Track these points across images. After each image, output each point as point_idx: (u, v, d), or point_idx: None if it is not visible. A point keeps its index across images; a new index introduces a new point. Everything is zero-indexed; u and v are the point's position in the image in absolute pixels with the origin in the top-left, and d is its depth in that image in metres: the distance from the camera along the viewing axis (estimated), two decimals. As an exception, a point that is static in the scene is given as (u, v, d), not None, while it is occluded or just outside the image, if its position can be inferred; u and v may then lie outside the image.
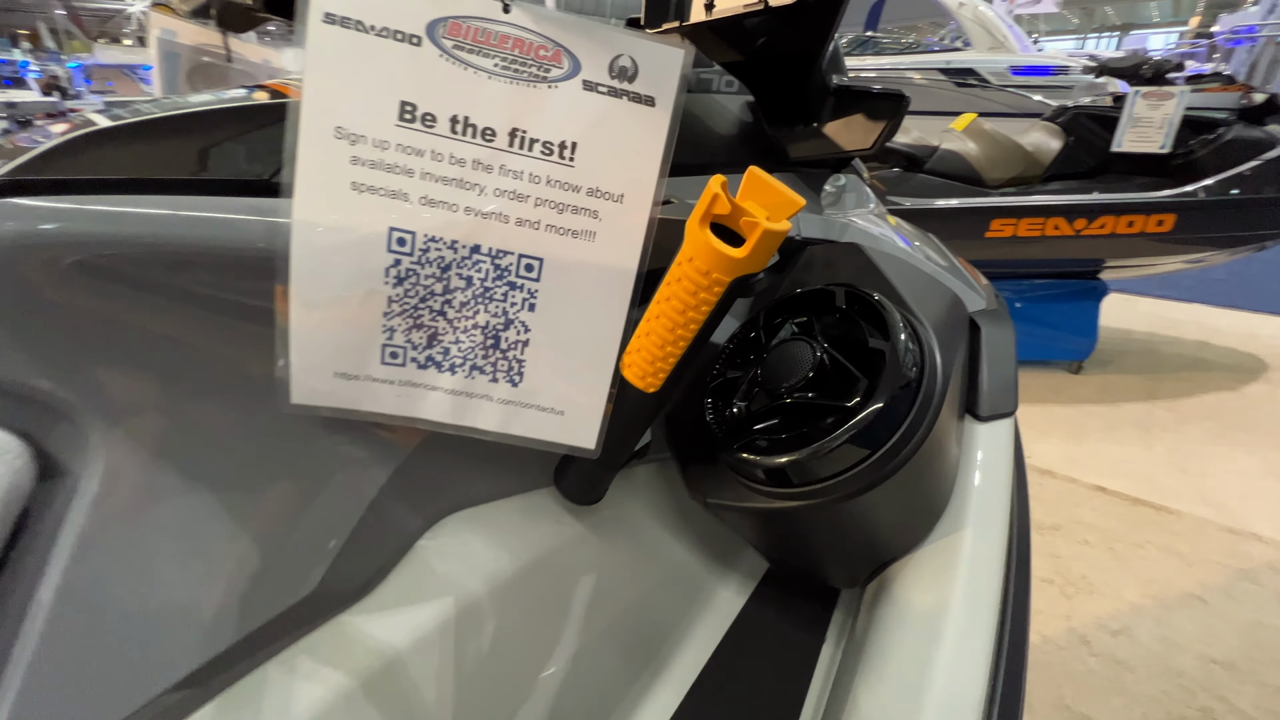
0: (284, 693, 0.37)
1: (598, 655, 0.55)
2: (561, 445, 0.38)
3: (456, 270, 0.33)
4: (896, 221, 0.74)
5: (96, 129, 0.33)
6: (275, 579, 0.36)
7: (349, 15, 0.29)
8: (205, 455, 0.35)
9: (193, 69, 0.55)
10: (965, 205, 2.60)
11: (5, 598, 0.31)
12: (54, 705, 0.30)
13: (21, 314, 0.30)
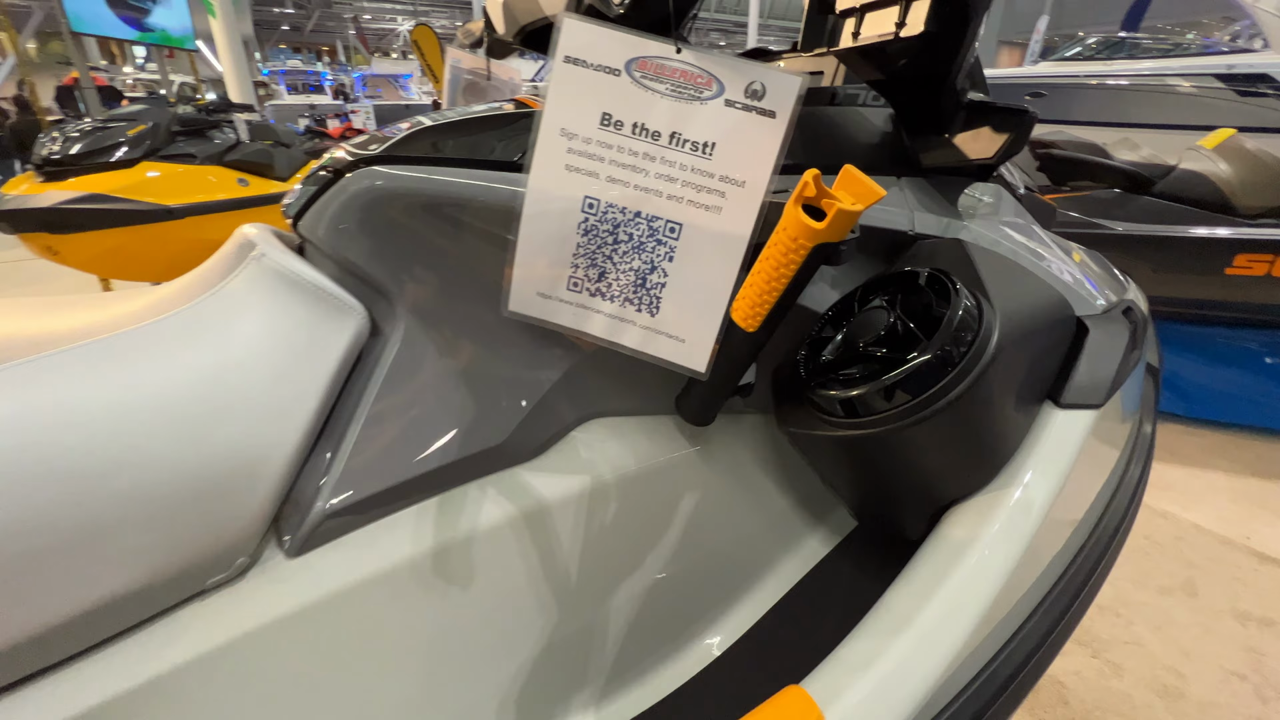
0: (474, 509, 0.56)
1: (690, 564, 0.68)
2: (680, 366, 0.52)
3: (623, 228, 0.49)
4: (1044, 233, 0.76)
5: (424, 126, 0.54)
6: (486, 423, 0.55)
7: (579, 57, 0.46)
8: (463, 331, 0.54)
9: (466, 86, 0.79)
10: (1203, 235, 2.23)
11: (346, 402, 0.52)
12: (373, 467, 0.51)
13: (380, 234, 0.51)
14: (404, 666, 0.53)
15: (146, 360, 0.45)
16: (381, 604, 0.51)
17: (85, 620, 0.40)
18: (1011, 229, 0.68)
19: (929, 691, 0.41)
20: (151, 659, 0.43)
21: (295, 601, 0.47)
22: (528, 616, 0.58)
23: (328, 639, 0.49)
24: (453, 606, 0.54)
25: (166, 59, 7.17)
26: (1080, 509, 0.55)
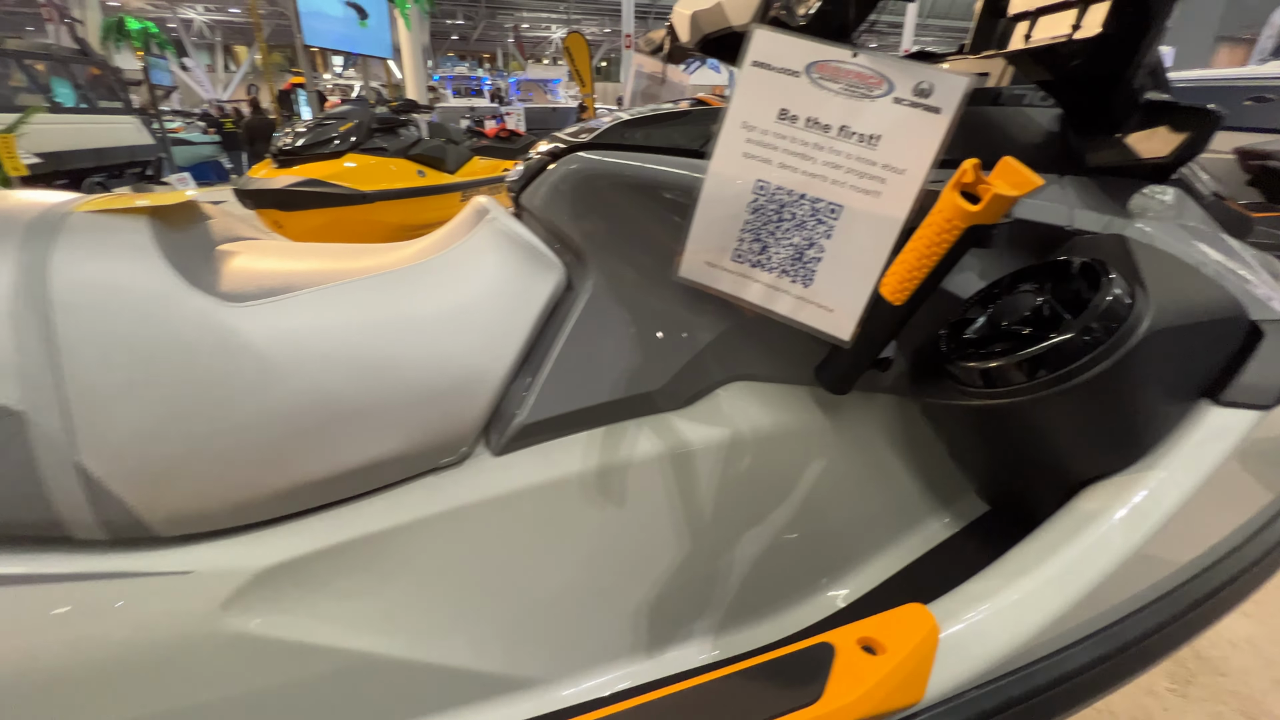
0: (631, 443, 0.66)
1: (814, 526, 0.74)
2: (826, 334, 0.58)
3: (788, 208, 0.56)
4: (1232, 241, 0.72)
5: (623, 121, 0.65)
6: (649, 370, 0.65)
7: (765, 61, 0.54)
8: (638, 291, 0.65)
9: (644, 88, 0.90)
10: None
11: (543, 340, 0.65)
12: (559, 394, 0.63)
13: (582, 206, 0.63)
14: (564, 558, 0.64)
15: (412, 291, 0.60)
16: (553, 504, 0.63)
17: (359, 473, 0.55)
18: (1190, 233, 0.66)
19: (1035, 635, 0.44)
20: (397, 510, 0.58)
21: (494, 489, 0.61)
22: (666, 542, 0.67)
23: (512, 522, 0.61)
24: (606, 519, 0.65)
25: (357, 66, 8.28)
26: (1230, 516, 0.54)
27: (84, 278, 0.48)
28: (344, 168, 3.09)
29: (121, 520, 0.48)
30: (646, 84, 0.91)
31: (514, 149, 4.91)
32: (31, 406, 0.45)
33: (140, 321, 0.48)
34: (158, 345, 0.48)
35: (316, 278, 0.59)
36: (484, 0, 24.62)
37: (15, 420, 0.45)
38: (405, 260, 0.65)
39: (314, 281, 0.58)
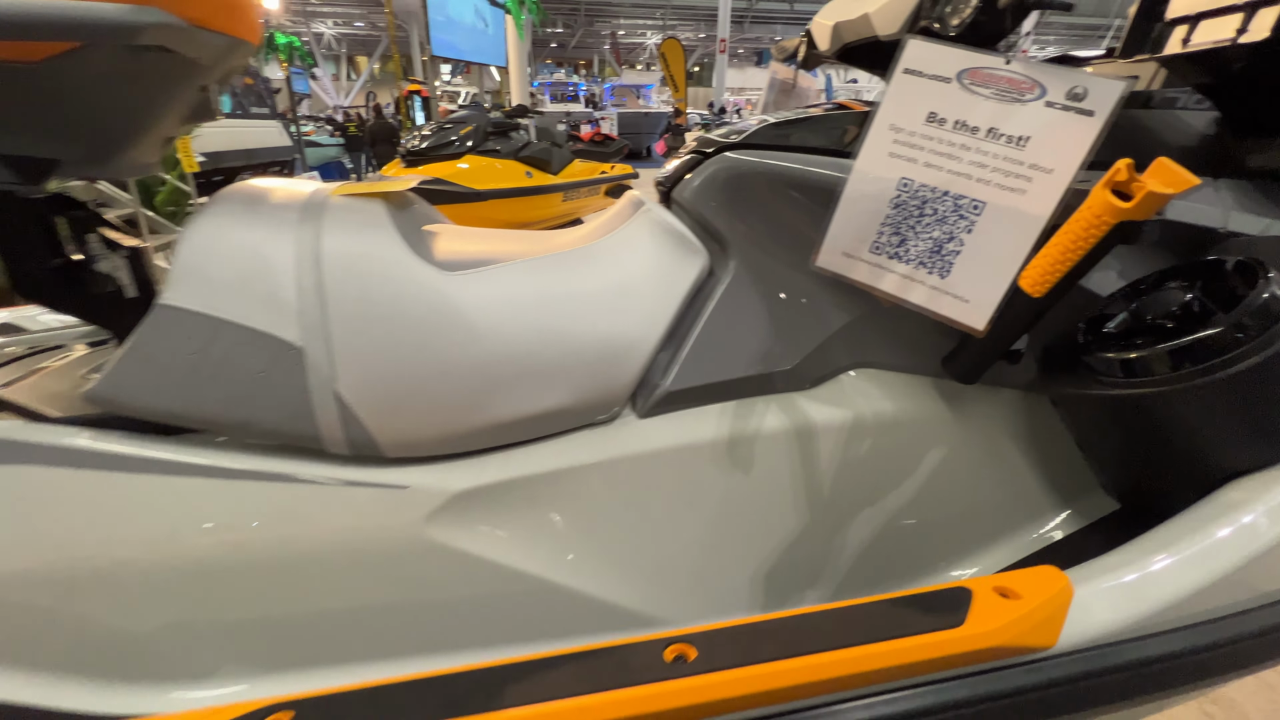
0: (760, 417, 0.72)
1: (932, 511, 0.76)
2: (960, 323, 0.62)
3: (929, 204, 0.61)
4: None
5: (769, 124, 0.72)
6: (781, 351, 0.71)
7: (916, 69, 0.59)
8: (776, 278, 0.71)
9: (779, 91, 0.97)
10: None
11: (686, 319, 0.72)
12: (698, 368, 0.70)
13: (728, 200, 0.70)
14: (693, 515, 0.71)
15: (582, 270, 0.69)
16: (687, 465, 0.70)
17: (533, 421, 0.65)
18: None
19: (1172, 605, 0.46)
20: (559, 456, 0.67)
21: (638, 447, 0.69)
22: (785, 512, 0.73)
23: (651, 478, 0.69)
24: (732, 484, 0.71)
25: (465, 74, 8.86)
26: None
27: (344, 247, 0.60)
28: (462, 168, 3.35)
29: (361, 440, 0.60)
30: (779, 89, 0.97)
31: (607, 152, 5.09)
32: (307, 343, 0.58)
33: (382, 283, 0.60)
34: (395, 303, 0.60)
35: (506, 254, 0.69)
36: (584, 9, 25.41)
37: (296, 353, 0.57)
38: (575, 242, 0.74)
39: (504, 258, 0.68)
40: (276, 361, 0.57)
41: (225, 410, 0.57)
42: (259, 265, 0.58)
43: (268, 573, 0.60)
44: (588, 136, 7.50)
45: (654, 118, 17.03)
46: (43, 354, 0.82)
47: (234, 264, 0.58)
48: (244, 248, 0.59)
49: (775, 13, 24.45)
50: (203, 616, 0.60)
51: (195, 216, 0.60)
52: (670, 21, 26.34)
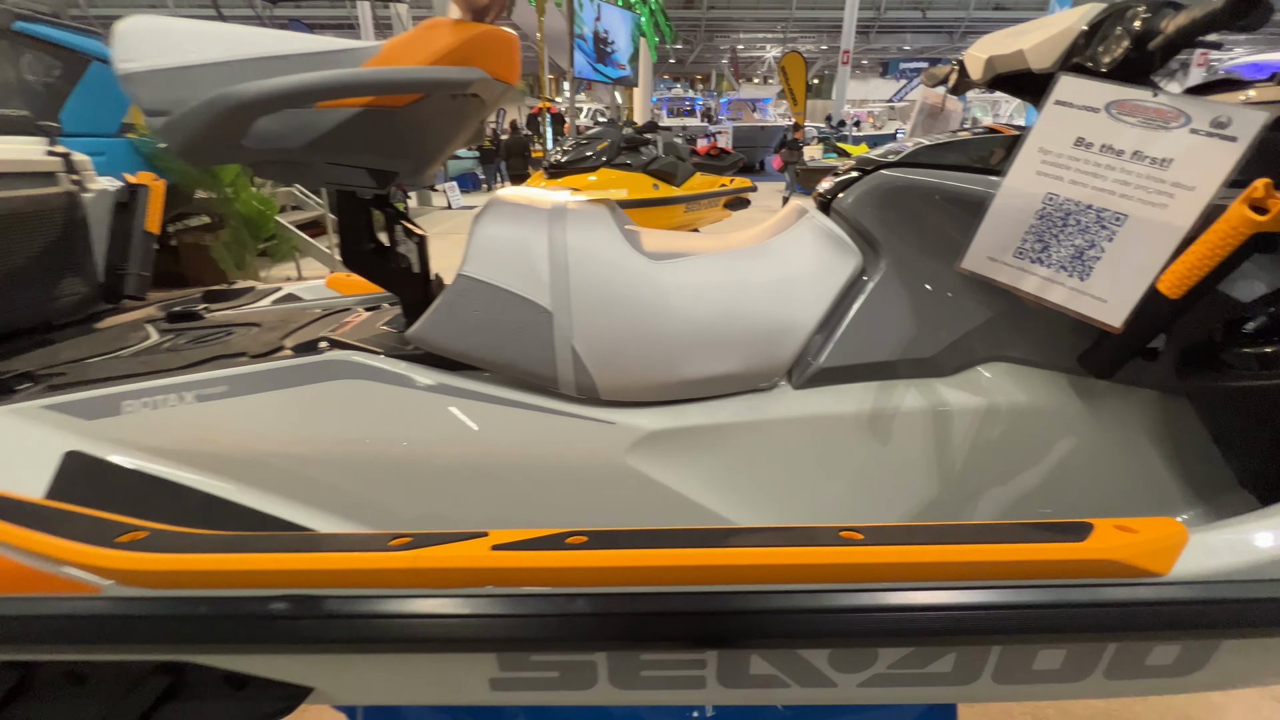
0: (899, 399, 0.83)
1: (1060, 500, 0.84)
2: (1098, 320, 0.70)
3: (1073, 216, 0.70)
4: None
5: (925, 146, 0.84)
6: (923, 340, 0.82)
7: (1067, 100, 0.69)
8: (922, 277, 0.82)
9: (927, 115, 1.07)
10: None
11: (839, 309, 0.85)
12: (848, 350, 0.83)
13: (886, 210, 0.83)
14: (835, 478, 0.84)
15: (756, 262, 0.85)
16: (834, 433, 0.83)
17: (711, 382, 0.81)
18: None
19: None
20: (727, 413, 0.83)
21: (792, 413, 0.83)
22: (917, 484, 0.84)
23: (801, 441, 0.83)
24: (871, 454, 0.83)
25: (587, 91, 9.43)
26: None
27: (582, 240, 0.80)
28: (599, 180, 3.66)
29: (586, 384, 0.79)
30: (927, 113, 1.07)
31: (723, 165, 5.24)
32: (555, 308, 0.78)
33: (608, 267, 0.79)
34: (616, 282, 0.79)
35: (695, 249, 0.87)
36: (704, 24, 25.87)
37: (547, 315, 0.78)
38: (749, 241, 0.90)
39: (694, 252, 0.86)
40: (532, 320, 0.78)
41: (495, 353, 0.79)
42: (525, 250, 0.79)
43: (507, 475, 0.81)
44: (704, 150, 7.68)
45: (769, 131, 17.01)
46: (337, 314, 1.11)
47: (508, 248, 0.80)
48: (514, 237, 0.80)
49: (905, 22, 23.48)
50: (452, 505, 0.82)
51: (481, 214, 0.83)
52: (791, 34, 26.09)
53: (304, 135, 0.74)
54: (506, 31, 0.83)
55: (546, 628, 0.52)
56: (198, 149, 0.69)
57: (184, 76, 0.69)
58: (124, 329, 1.12)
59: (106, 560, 0.53)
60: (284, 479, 0.79)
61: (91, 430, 0.77)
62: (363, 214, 0.90)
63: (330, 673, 0.59)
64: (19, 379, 0.84)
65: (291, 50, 0.72)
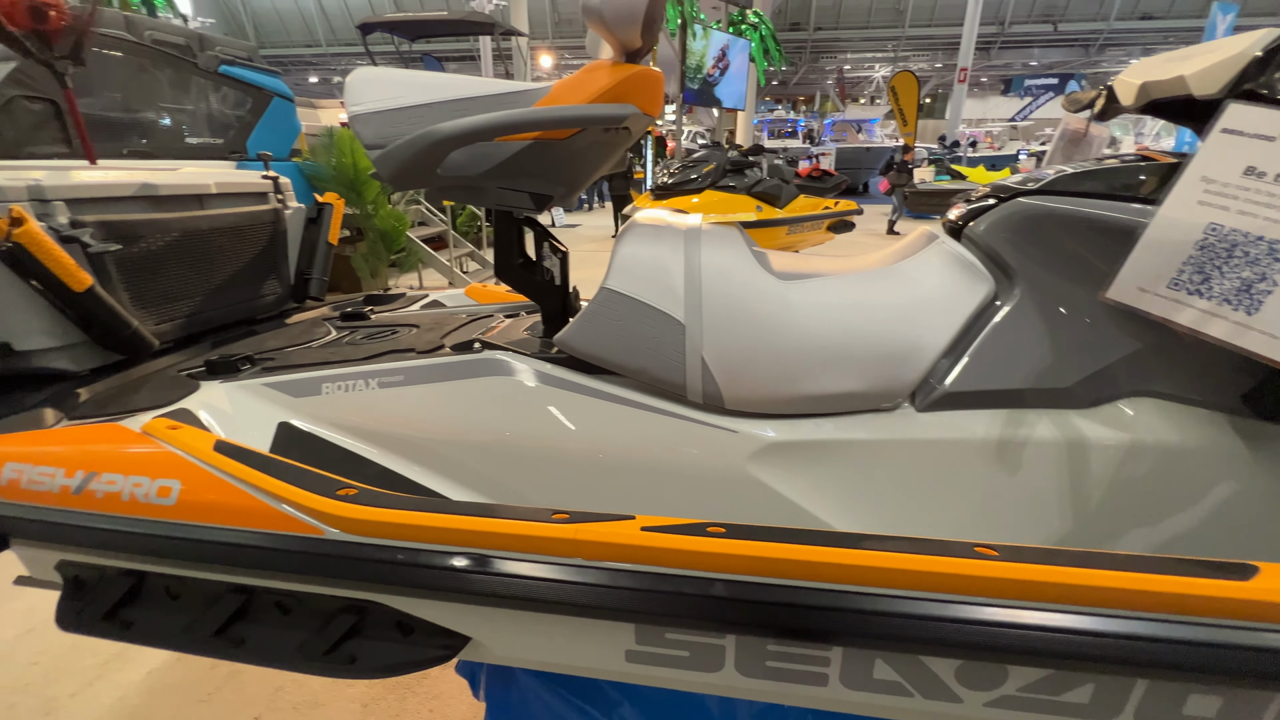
0: (1029, 427, 0.82)
1: (1202, 549, 0.78)
2: (1268, 358, 0.67)
3: (1239, 247, 0.67)
4: None
5: (1067, 174, 0.83)
6: (1059, 370, 0.81)
7: (1237, 129, 0.66)
8: (1061, 305, 0.81)
9: (1068, 141, 1.04)
10: None
11: (968, 334, 0.85)
12: (973, 376, 0.83)
13: (1024, 238, 0.82)
14: (954, 503, 0.83)
15: (884, 284, 0.87)
16: (957, 458, 0.83)
17: (832, 398, 0.84)
18: None
19: None
20: (846, 430, 0.85)
21: (914, 435, 0.83)
22: (1044, 517, 0.81)
23: (922, 463, 0.83)
24: (996, 483, 0.82)
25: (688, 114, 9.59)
26: None
27: (715, 259, 0.87)
28: (702, 201, 3.75)
29: (712, 393, 0.85)
30: (1068, 139, 1.05)
31: (824, 187, 5.16)
32: (688, 321, 0.84)
33: (739, 285, 0.85)
34: (747, 299, 0.84)
35: (821, 270, 0.90)
36: (810, 45, 25.61)
37: (680, 327, 0.85)
38: (877, 264, 0.93)
39: (821, 273, 0.90)
40: (666, 331, 0.85)
41: (630, 359, 0.87)
42: (662, 267, 0.87)
43: (634, 472, 0.88)
44: (805, 172, 7.60)
45: (875, 153, 16.48)
46: (482, 319, 1.24)
47: (647, 265, 0.88)
48: (653, 255, 0.88)
49: (1033, 36, 21.99)
50: (580, 496, 0.89)
51: (623, 234, 0.92)
52: (903, 53, 25.22)
53: (483, 164, 0.86)
54: (655, 71, 0.92)
55: (683, 606, 0.57)
56: (402, 176, 0.83)
57: (396, 117, 0.83)
58: (309, 324, 1.31)
59: (330, 508, 0.65)
60: (439, 459, 0.91)
61: (298, 406, 0.93)
62: (516, 231, 1.02)
63: (489, 626, 0.68)
64: (243, 361, 1.02)
65: (480, 93, 0.85)
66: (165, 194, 1.14)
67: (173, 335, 1.14)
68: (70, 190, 0.98)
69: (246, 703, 1.41)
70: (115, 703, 1.40)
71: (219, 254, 1.22)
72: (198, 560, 0.69)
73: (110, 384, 1.00)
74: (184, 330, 1.16)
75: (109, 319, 0.97)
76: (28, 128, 2.33)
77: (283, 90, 3.72)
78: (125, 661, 1.50)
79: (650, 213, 0.98)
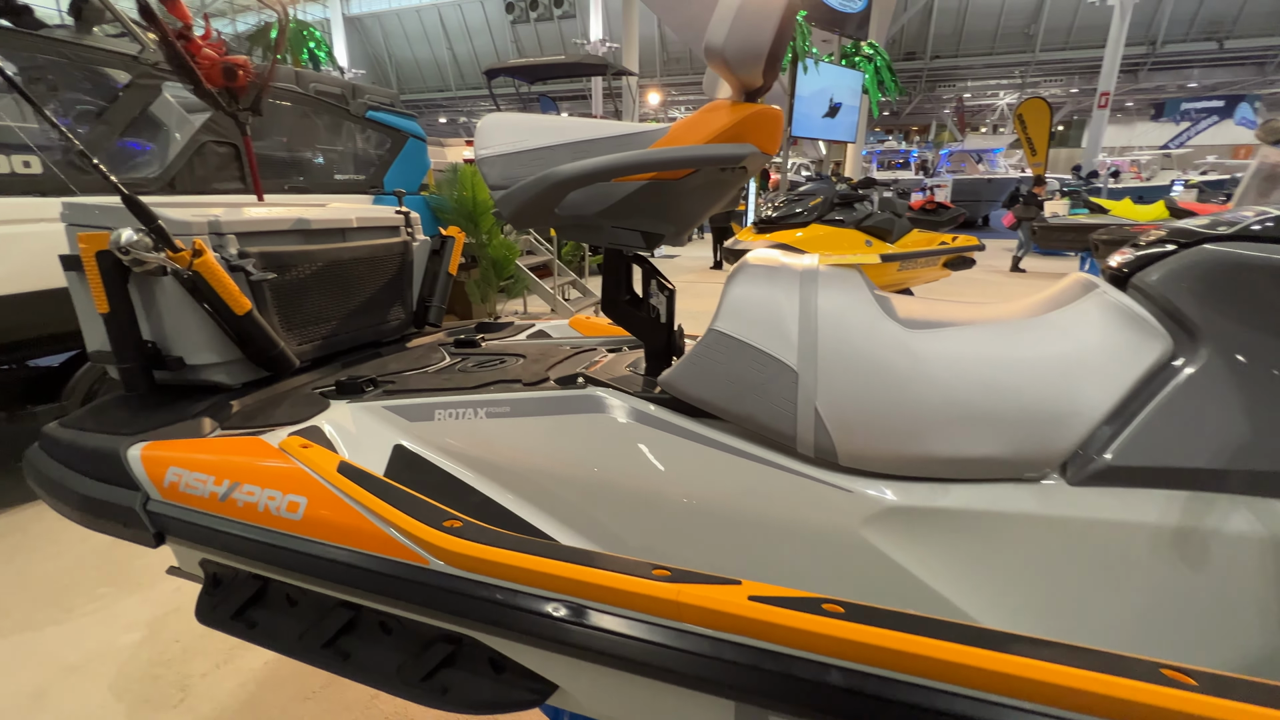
0: (1219, 517, 0.68)
1: None
2: None
3: None
4: None
5: (1273, 216, 0.70)
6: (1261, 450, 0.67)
7: None
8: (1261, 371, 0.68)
9: (1264, 177, 0.89)
10: None
11: (1138, 398, 0.74)
12: (1141, 450, 0.71)
13: (1213, 292, 0.70)
14: (1108, 596, 0.71)
15: (1031, 337, 0.78)
16: (1117, 545, 0.70)
17: (964, 463, 0.75)
18: None
19: None
20: (980, 499, 0.75)
21: (1062, 512, 0.72)
22: (1238, 630, 0.67)
23: (1069, 545, 0.72)
24: (1169, 578, 0.68)
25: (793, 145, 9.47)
26: None
27: (833, 303, 0.81)
28: (807, 235, 3.65)
29: (825, 446, 0.79)
30: (1265, 174, 0.89)
31: (939, 220, 4.85)
32: (801, 368, 0.79)
33: (859, 332, 0.79)
34: (868, 348, 0.78)
35: (954, 319, 0.82)
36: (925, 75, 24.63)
37: (792, 374, 0.80)
38: (1020, 313, 0.83)
39: (954, 322, 0.81)
40: (777, 378, 0.81)
41: (737, 405, 0.83)
42: (775, 312, 0.83)
43: (734, 523, 0.83)
44: (919, 205, 7.23)
45: (997, 184, 15.38)
46: (585, 352, 1.25)
47: (759, 307, 0.84)
48: (766, 299, 0.84)
49: (1192, 55, 19.77)
50: (676, 542, 0.85)
51: (735, 274, 0.89)
52: (1033, 78, 23.56)
53: (600, 204, 0.87)
54: (774, 109, 0.89)
55: (794, 691, 0.52)
56: (523, 215, 0.85)
57: (519, 159, 0.87)
58: (427, 349, 1.39)
59: (436, 539, 0.66)
60: (539, 492, 0.91)
61: (412, 430, 0.97)
62: (625, 268, 1.03)
63: (578, 677, 0.65)
64: (367, 383, 1.10)
65: (599, 135, 0.87)
66: (315, 228, 1.26)
67: (311, 355, 1.25)
68: (241, 225, 1.11)
69: (346, 705, 1.48)
70: (236, 688, 1.53)
71: (355, 282, 1.33)
72: (314, 574, 0.73)
73: (257, 397, 1.10)
74: (320, 351, 1.27)
75: (261, 339, 1.08)
76: (214, 167, 2.72)
77: (417, 131, 4.09)
78: (247, 649, 1.63)
79: (763, 252, 0.94)
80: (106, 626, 1.76)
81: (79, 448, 0.93)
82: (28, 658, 1.64)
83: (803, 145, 15.20)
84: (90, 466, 0.91)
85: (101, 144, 2.41)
